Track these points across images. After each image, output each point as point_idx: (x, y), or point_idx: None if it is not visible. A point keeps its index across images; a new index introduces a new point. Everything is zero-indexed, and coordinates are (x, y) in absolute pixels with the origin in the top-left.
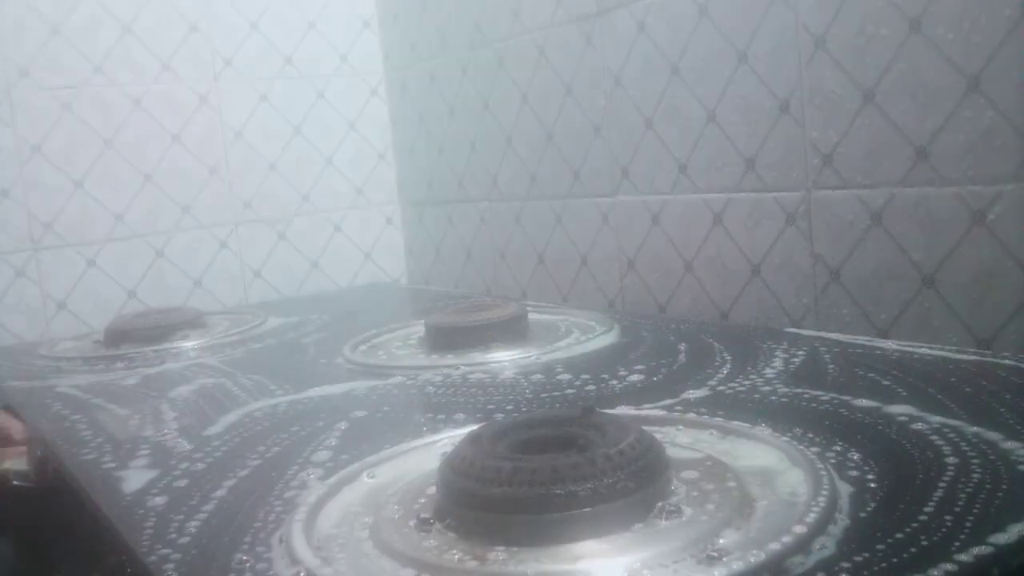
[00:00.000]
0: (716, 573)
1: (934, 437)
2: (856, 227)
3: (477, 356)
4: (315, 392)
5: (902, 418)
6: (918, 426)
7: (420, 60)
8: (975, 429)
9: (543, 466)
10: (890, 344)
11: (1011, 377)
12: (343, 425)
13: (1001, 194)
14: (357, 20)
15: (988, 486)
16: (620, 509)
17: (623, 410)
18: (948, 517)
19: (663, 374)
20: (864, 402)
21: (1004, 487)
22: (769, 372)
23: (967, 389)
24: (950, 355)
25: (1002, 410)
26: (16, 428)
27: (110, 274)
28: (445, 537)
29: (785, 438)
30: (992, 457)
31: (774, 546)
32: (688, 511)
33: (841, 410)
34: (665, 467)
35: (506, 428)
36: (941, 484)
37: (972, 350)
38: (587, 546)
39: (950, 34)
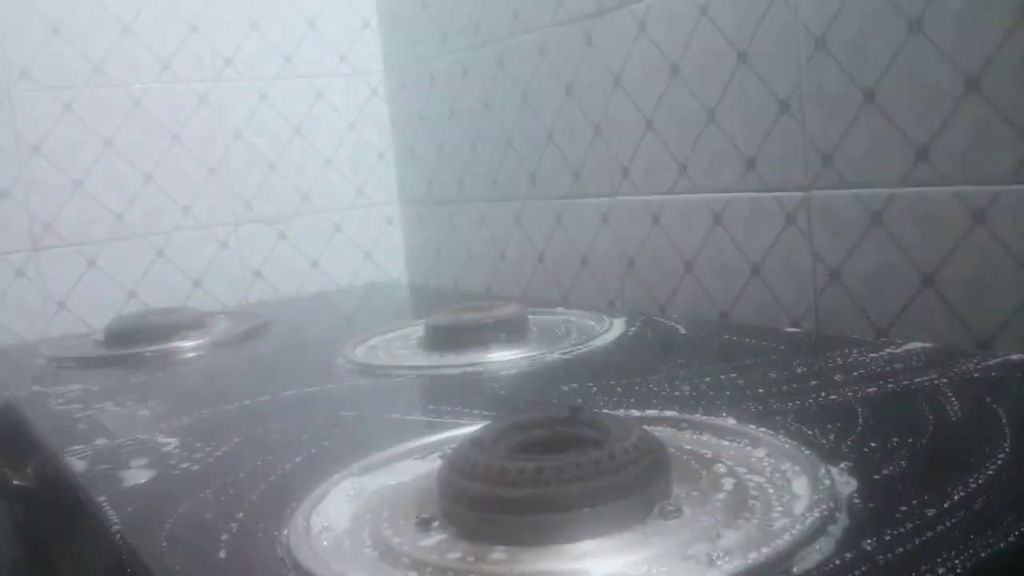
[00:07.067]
0: (716, 573)
1: (934, 437)
2: (856, 227)
3: (477, 356)
4: (315, 392)
5: (903, 418)
6: (918, 426)
7: (420, 60)
8: (975, 429)
9: (543, 466)
10: (891, 344)
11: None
12: (343, 425)
13: (1001, 194)
14: (357, 20)
15: (989, 486)
16: (620, 509)
17: (624, 410)
18: (949, 517)
19: (663, 374)
20: (865, 401)
21: (1005, 487)
22: (769, 372)
23: (967, 389)
24: (949, 355)
25: (1002, 410)
26: None
27: (110, 274)
28: (445, 537)
29: (785, 438)
30: (993, 457)
31: (774, 546)
32: (688, 511)
33: (841, 409)
34: (665, 467)
35: (506, 428)
36: (942, 484)
37: (972, 350)
38: (587, 546)
39: (950, 34)
